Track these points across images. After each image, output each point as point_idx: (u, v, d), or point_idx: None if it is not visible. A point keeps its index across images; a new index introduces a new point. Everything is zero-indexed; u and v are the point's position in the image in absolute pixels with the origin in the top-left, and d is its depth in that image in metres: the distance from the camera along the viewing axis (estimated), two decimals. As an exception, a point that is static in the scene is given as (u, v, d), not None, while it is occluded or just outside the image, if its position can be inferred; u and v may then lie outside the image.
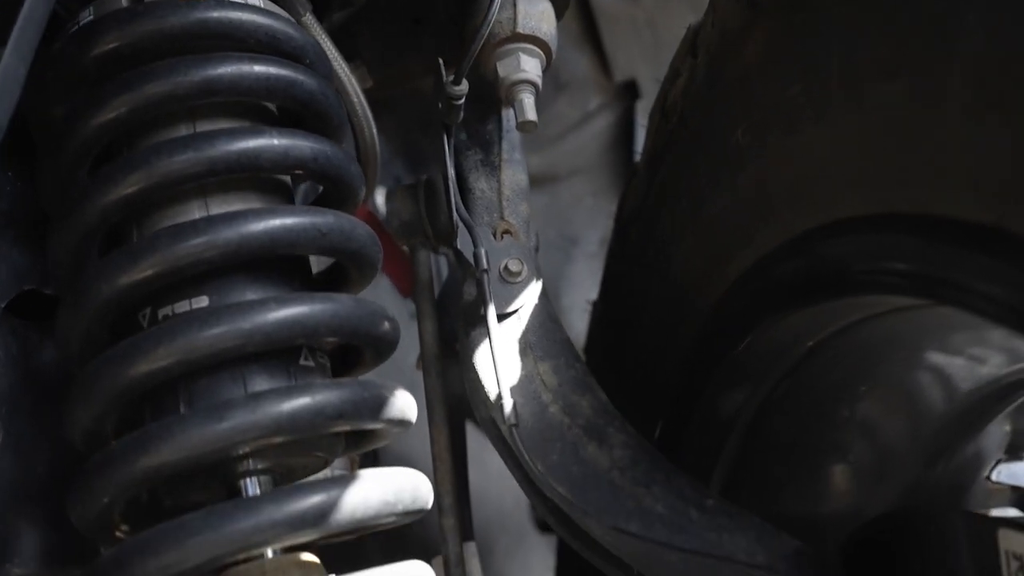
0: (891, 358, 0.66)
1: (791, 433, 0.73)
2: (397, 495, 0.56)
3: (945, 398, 0.66)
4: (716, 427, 0.79)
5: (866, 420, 0.71)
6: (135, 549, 0.51)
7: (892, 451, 0.70)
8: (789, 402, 0.71)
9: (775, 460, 0.75)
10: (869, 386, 0.70)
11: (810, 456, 0.72)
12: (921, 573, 0.59)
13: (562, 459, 0.64)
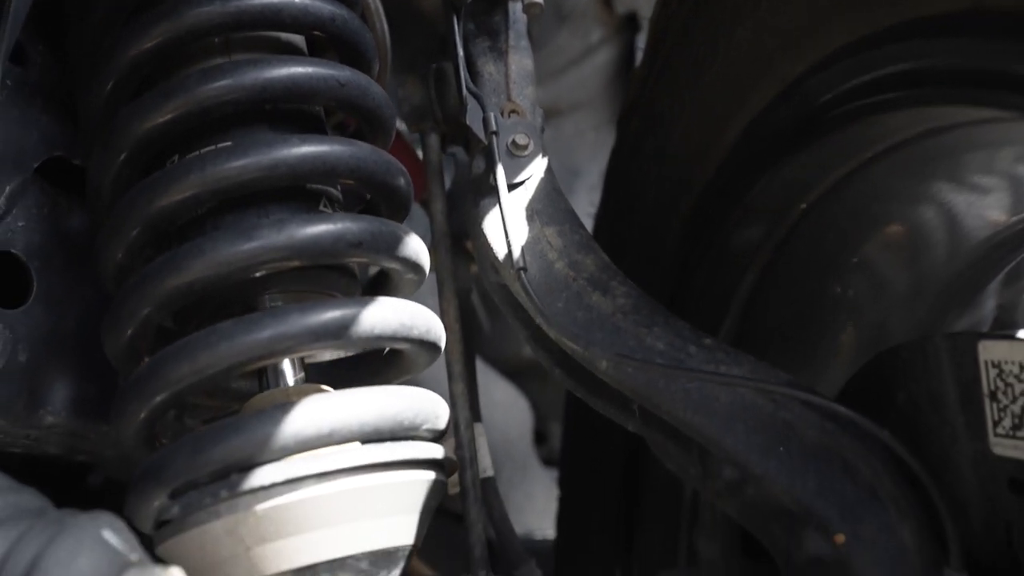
0: (898, 195, 0.69)
1: (793, 295, 0.76)
2: (412, 319, 0.60)
3: (948, 244, 0.69)
4: (714, 303, 0.83)
5: (872, 266, 0.74)
6: (169, 354, 0.55)
7: (894, 297, 0.73)
8: (792, 265, 0.75)
9: (777, 325, 0.78)
10: (875, 229, 0.72)
11: (815, 314, 0.75)
12: (908, 403, 0.63)
13: (567, 306, 0.68)
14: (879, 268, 0.75)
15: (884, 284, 0.77)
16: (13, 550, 0.44)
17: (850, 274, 0.78)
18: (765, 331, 0.84)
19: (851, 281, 0.79)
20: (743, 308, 0.85)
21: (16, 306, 0.67)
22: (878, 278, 0.76)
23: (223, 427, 0.53)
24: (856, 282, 0.79)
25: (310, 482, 0.52)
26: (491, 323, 1.62)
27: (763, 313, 0.84)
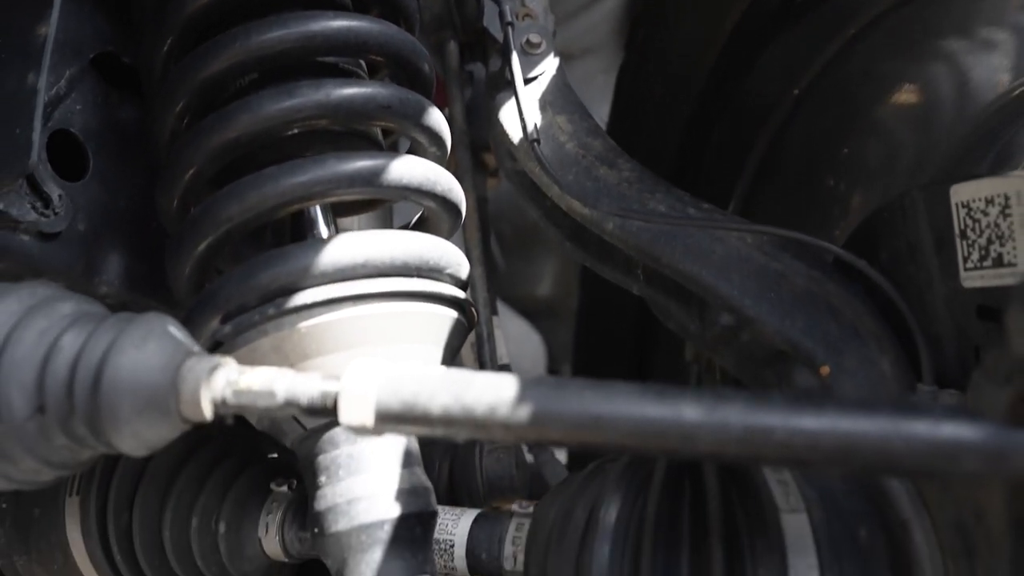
0: (909, 52, 0.74)
1: (802, 160, 0.81)
2: (437, 177, 0.66)
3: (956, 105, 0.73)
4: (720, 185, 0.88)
5: (881, 126, 0.78)
6: (220, 196, 0.61)
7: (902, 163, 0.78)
8: (800, 130, 0.80)
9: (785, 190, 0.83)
10: (886, 89, 0.77)
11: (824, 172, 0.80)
12: (890, 259, 0.68)
13: (577, 178, 0.74)
14: (886, 138, 0.79)
15: (892, 154, 0.82)
16: (90, 338, 0.51)
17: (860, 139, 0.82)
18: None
19: (864, 143, 0.82)
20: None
21: (75, 180, 0.74)
22: (885, 148, 0.79)
23: (270, 256, 0.59)
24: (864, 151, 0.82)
25: (347, 304, 0.59)
26: (506, 263, 1.68)
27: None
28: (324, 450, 0.61)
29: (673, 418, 0.44)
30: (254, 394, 0.49)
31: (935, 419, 0.41)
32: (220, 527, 0.74)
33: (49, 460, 0.52)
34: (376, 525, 0.59)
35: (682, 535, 0.55)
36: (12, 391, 0.50)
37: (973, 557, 0.51)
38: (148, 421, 0.50)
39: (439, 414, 0.46)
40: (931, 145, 0.77)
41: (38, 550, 0.78)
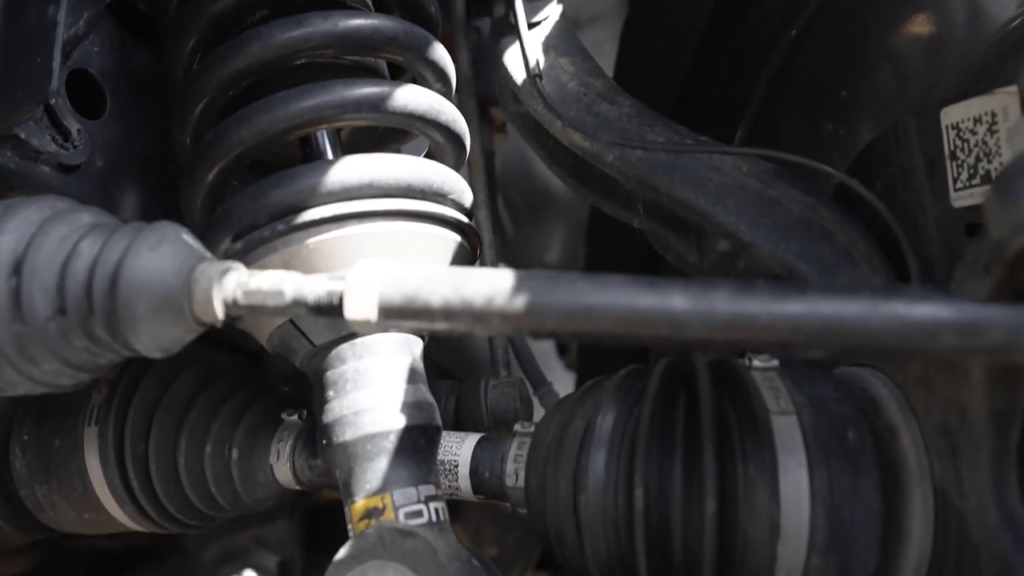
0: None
1: (801, 104, 0.83)
2: (441, 107, 0.68)
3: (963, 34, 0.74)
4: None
5: (879, 65, 0.79)
6: (232, 120, 0.63)
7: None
8: (798, 74, 0.81)
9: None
10: (882, 28, 0.78)
11: (823, 116, 0.81)
12: (885, 188, 0.69)
13: (579, 114, 0.76)
14: (884, 77, 0.80)
15: (891, 94, 0.83)
16: (107, 243, 0.53)
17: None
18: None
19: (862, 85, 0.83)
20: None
21: (93, 119, 0.76)
22: (884, 88, 0.80)
23: (279, 177, 0.62)
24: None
25: (353, 221, 0.61)
26: (515, 231, 1.70)
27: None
28: (332, 366, 0.64)
29: (663, 306, 0.46)
30: (263, 294, 0.52)
31: (912, 299, 0.43)
32: (233, 454, 0.77)
33: (70, 361, 0.55)
34: (382, 435, 0.61)
35: (676, 437, 0.56)
36: (35, 293, 0.52)
37: (957, 455, 0.53)
38: (163, 321, 0.52)
39: (440, 306, 0.48)
40: (933, 82, 0.78)
41: (58, 479, 0.80)
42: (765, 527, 0.53)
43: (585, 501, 0.57)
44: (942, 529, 0.54)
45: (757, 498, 0.54)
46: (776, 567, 0.54)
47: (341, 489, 0.63)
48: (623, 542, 0.57)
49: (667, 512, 0.55)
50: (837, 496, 0.54)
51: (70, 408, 0.80)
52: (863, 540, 0.54)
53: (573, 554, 0.60)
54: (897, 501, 0.55)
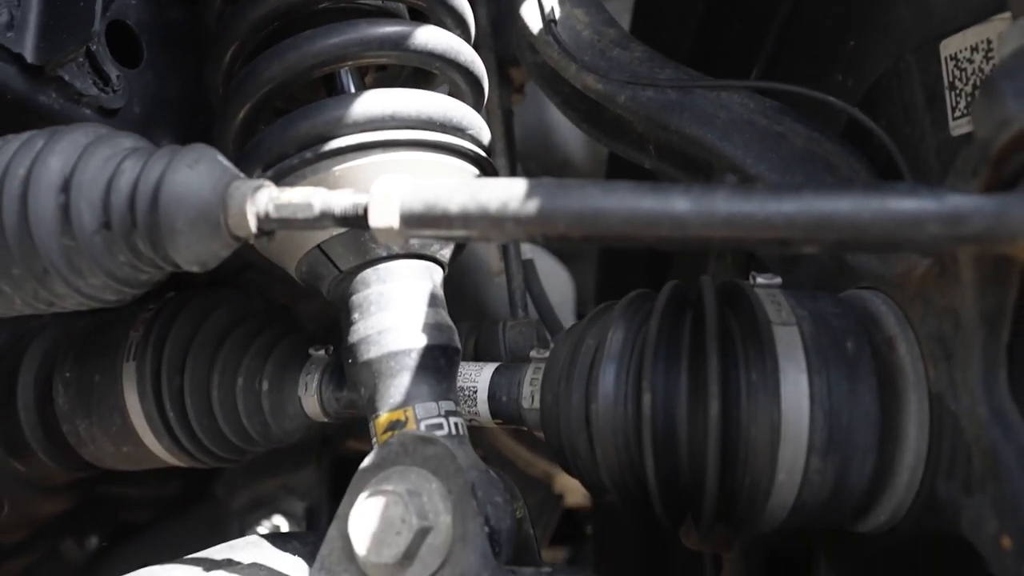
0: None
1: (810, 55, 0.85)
2: (460, 48, 0.71)
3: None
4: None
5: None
6: (263, 58, 0.67)
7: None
8: (805, 24, 0.83)
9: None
10: None
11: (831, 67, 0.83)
12: (888, 126, 0.72)
13: (592, 59, 0.79)
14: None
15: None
16: (147, 162, 0.57)
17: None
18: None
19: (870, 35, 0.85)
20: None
21: (131, 68, 0.81)
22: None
23: (307, 109, 0.65)
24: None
25: (377, 150, 0.64)
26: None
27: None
28: (357, 290, 0.67)
29: (666, 208, 0.49)
30: (293, 207, 0.55)
31: (900, 194, 0.46)
32: (263, 386, 0.81)
33: (114, 275, 0.58)
34: (404, 353, 0.65)
35: (682, 348, 0.59)
36: (82, 208, 0.56)
37: (952, 361, 0.55)
38: (200, 234, 0.56)
39: (457, 213, 0.51)
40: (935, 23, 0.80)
41: (98, 413, 0.84)
42: (766, 429, 0.56)
43: (596, 410, 0.60)
44: (937, 431, 0.56)
45: (759, 401, 0.57)
46: (777, 467, 0.57)
47: (366, 405, 0.67)
48: (632, 448, 0.60)
49: (673, 416, 0.58)
50: (835, 400, 0.57)
51: (109, 346, 0.85)
52: (861, 442, 0.57)
53: (586, 465, 0.64)
54: (894, 406, 0.57)
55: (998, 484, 0.50)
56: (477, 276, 1.26)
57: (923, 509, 0.58)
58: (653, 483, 0.59)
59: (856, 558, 0.66)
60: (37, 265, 0.57)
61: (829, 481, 0.57)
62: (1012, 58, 0.46)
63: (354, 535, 0.58)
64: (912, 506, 0.58)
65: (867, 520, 0.61)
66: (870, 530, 0.62)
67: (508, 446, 1.52)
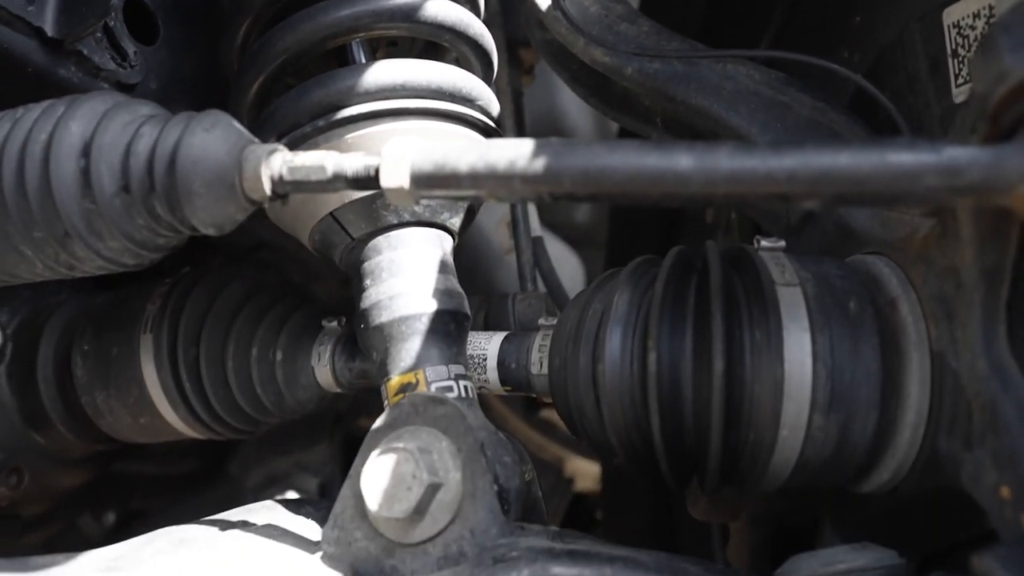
0: None
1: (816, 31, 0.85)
2: (470, 20, 0.73)
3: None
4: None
5: None
6: (276, 29, 0.69)
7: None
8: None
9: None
10: None
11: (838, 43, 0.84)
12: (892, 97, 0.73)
13: (600, 32, 0.80)
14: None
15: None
16: (165, 127, 0.59)
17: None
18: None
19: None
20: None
21: (147, 45, 0.82)
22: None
23: (319, 79, 0.67)
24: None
25: (387, 118, 0.66)
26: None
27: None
28: (368, 257, 0.69)
29: (669, 165, 0.50)
30: (307, 169, 0.56)
31: (899, 147, 0.47)
32: (277, 356, 0.82)
33: (132, 238, 0.60)
34: (414, 317, 0.66)
35: (687, 310, 0.60)
36: (102, 171, 0.58)
37: (953, 320, 0.56)
38: (216, 196, 0.57)
39: (466, 172, 0.53)
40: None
41: (116, 385, 0.86)
42: (770, 386, 0.57)
43: (603, 370, 0.61)
44: (938, 389, 0.57)
45: (762, 359, 0.58)
46: (780, 424, 0.58)
47: (377, 370, 0.68)
48: (638, 407, 0.61)
49: (678, 375, 0.59)
50: (838, 358, 0.58)
51: (127, 319, 0.86)
52: (863, 400, 0.58)
53: (593, 427, 0.65)
54: (896, 364, 0.58)
55: (997, 437, 0.51)
56: (487, 259, 1.27)
57: (925, 466, 0.59)
58: (659, 441, 0.60)
59: (859, 519, 0.67)
60: (58, 228, 0.59)
61: (832, 438, 0.58)
62: (1009, 13, 0.47)
63: (366, 491, 0.59)
64: (914, 464, 0.59)
65: (870, 480, 0.62)
66: (873, 490, 0.63)
67: (519, 429, 1.54)
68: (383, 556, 0.60)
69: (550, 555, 0.56)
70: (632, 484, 1.30)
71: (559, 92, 1.60)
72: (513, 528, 0.59)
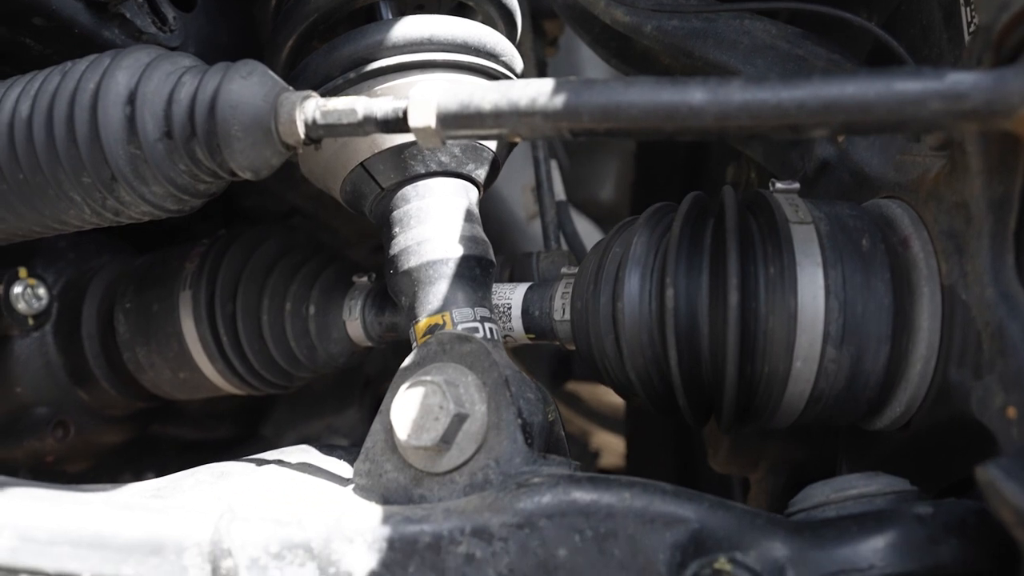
0: None
1: None
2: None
3: None
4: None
5: None
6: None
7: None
8: None
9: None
10: None
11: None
12: (907, 49, 0.74)
13: (620, -5, 0.82)
14: None
15: None
16: (205, 75, 0.62)
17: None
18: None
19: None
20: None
21: (186, 11, 0.86)
22: None
23: (350, 34, 0.70)
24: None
25: (415, 70, 0.69)
26: (572, 167, 1.77)
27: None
28: (397, 206, 0.71)
29: (684, 99, 0.52)
30: (339, 112, 0.59)
31: (904, 75, 0.48)
32: (310, 310, 0.85)
33: (175, 182, 0.63)
34: (441, 261, 0.69)
35: (703, 249, 0.63)
36: (146, 117, 0.61)
37: (963, 253, 0.58)
38: (253, 139, 0.61)
39: (490, 110, 0.55)
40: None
41: (157, 340, 0.90)
42: (783, 318, 0.59)
43: (622, 308, 0.64)
44: (949, 322, 0.59)
45: (776, 293, 0.60)
46: (794, 356, 0.60)
47: (406, 314, 0.71)
48: (656, 343, 0.63)
49: (695, 310, 0.61)
50: (850, 292, 0.59)
51: (166, 277, 0.90)
52: (875, 332, 0.60)
53: (614, 366, 0.67)
54: (907, 299, 0.60)
55: (1004, 360, 0.53)
56: (513, 227, 1.30)
57: (936, 398, 0.60)
58: (676, 376, 0.62)
59: (875, 458, 0.69)
60: (105, 172, 0.62)
61: (844, 370, 0.60)
62: (1011, -55, 0.49)
63: (396, 422, 0.62)
64: (926, 396, 0.61)
65: (883, 415, 0.64)
66: (887, 426, 0.64)
67: (544, 402, 1.56)
68: (412, 486, 0.63)
69: (571, 481, 0.58)
70: (655, 454, 1.32)
71: (583, 64, 1.62)
72: (536, 458, 0.61)
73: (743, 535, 0.54)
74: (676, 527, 0.55)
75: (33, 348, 0.95)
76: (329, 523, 0.58)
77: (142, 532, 0.56)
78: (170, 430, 1.20)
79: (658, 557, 0.55)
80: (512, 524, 0.57)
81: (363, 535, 0.58)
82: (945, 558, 0.51)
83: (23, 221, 0.68)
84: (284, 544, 0.57)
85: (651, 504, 0.56)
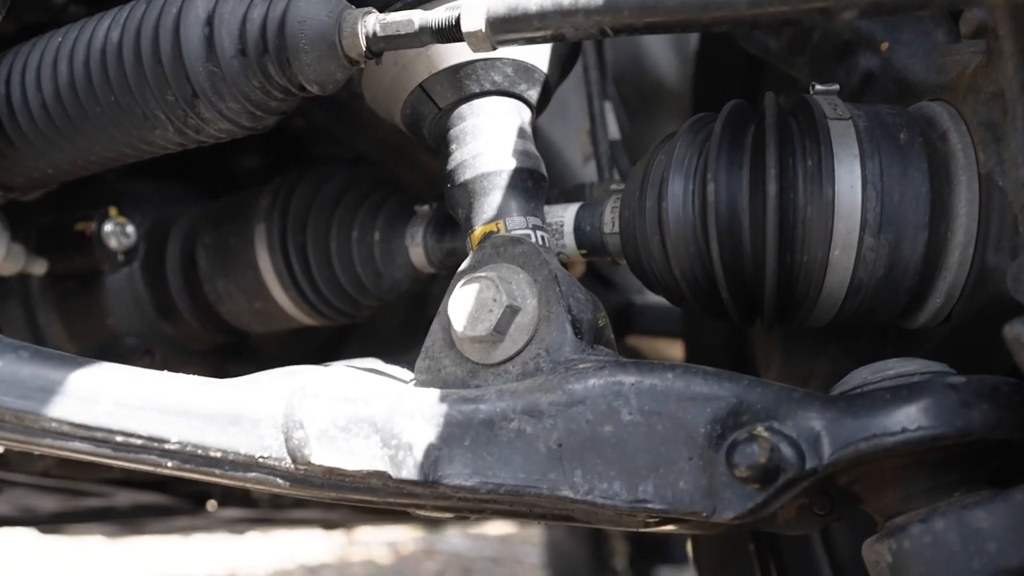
0: None
1: None
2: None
3: None
4: None
5: None
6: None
7: None
8: None
9: None
10: None
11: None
12: None
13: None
14: None
15: None
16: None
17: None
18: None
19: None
20: None
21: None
22: None
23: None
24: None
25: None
26: (632, 128, 1.79)
27: None
28: (454, 124, 0.76)
29: (719, -11, 0.55)
30: (397, 24, 0.64)
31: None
32: (375, 237, 0.91)
33: (249, 98, 0.69)
34: (495, 173, 0.73)
35: (744, 147, 0.65)
36: (223, 36, 0.67)
37: (1000, 141, 0.59)
38: (319, 53, 0.66)
39: (536, 11, 0.59)
40: None
41: (234, 271, 0.96)
42: (821, 208, 0.62)
43: (666, 207, 0.67)
44: (986, 209, 0.60)
45: (814, 184, 0.62)
46: (832, 244, 0.62)
47: (462, 225, 0.75)
48: (700, 239, 0.66)
49: (736, 204, 0.64)
50: (887, 182, 0.61)
51: (242, 213, 0.96)
52: (912, 221, 0.61)
53: (660, 268, 0.70)
54: (945, 188, 0.62)
55: (1038, 235, 0.54)
56: (567, 171, 1.33)
57: (975, 285, 0.62)
58: (719, 269, 0.65)
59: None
60: (187, 89, 0.68)
61: (883, 258, 0.62)
62: None
63: (452, 315, 0.66)
64: (965, 284, 0.62)
65: (924, 308, 0.65)
66: (928, 321, 0.66)
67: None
68: (468, 378, 0.67)
69: (617, 364, 0.62)
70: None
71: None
72: (585, 347, 0.65)
73: (779, 407, 0.57)
74: (716, 402, 0.58)
75: (123, 283, 1.03)
76: (392, 401, 0.63)
77: (223, 404, 0.62)
78: (245, 370, 1.27)
79: (699, 431, 0.58)
80: (561, 403, 0.60)
81: (423, 411, 0.62)
82: (976, 422, 0.53)
83: (114, 143, 0.74)
84: (351, 418, 0.62)
85: (692, 384, 0.59)
